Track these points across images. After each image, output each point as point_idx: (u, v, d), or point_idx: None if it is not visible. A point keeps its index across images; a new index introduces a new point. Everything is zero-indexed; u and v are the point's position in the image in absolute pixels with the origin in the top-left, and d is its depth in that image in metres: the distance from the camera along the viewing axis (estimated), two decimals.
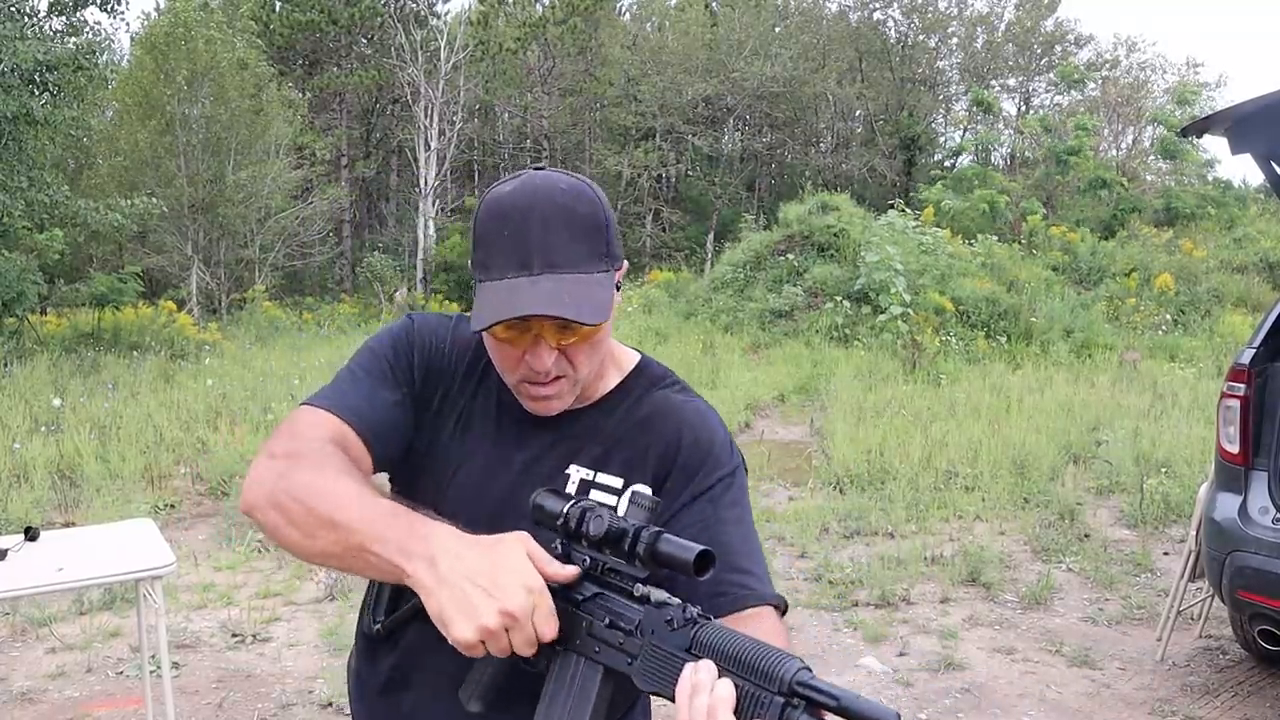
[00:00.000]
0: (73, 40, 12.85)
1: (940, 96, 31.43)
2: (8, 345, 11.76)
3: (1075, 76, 24.14)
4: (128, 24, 52.95)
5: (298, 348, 13.92)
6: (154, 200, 14.14)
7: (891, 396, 9.64)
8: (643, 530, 0.94)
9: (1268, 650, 3.88)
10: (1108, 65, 28.75)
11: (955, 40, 31.04)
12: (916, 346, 11.99)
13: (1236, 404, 3.75)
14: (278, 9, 25.12)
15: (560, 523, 1.00)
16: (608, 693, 0.97)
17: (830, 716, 0.81)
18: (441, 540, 0.95)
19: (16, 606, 4.35)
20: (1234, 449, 3.75)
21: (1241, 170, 48.13)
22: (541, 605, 0.93)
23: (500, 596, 0.91)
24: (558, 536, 1.01)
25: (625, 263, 1.16)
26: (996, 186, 19.93)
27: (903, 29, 30.76)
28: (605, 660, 0.96)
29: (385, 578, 1.01)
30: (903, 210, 16.75)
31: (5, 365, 10.70)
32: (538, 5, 26.20)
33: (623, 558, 0.96)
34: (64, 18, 13.22)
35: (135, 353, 12.11)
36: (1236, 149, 3.87)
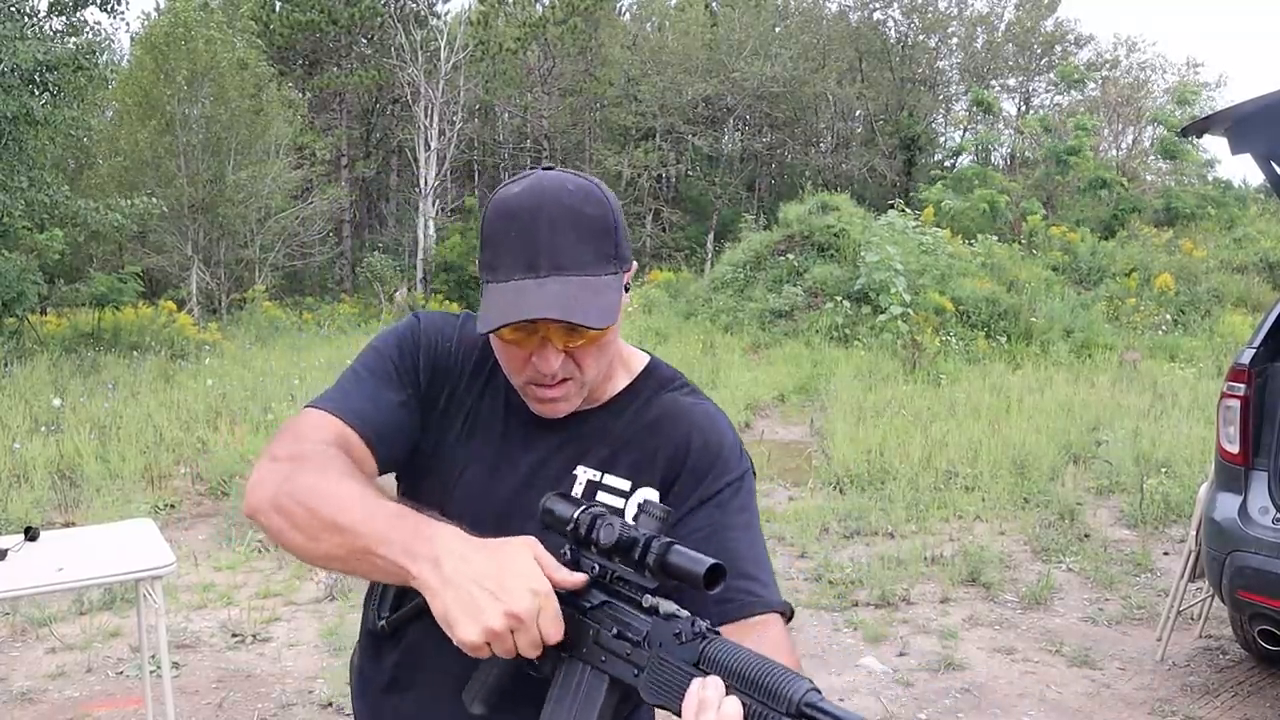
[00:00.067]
0: (73, 40, 12.85)
1: (940, 96, 31.44)
2: (8, 345, 11.75)
3: (1075, 76, 24.14)
4: (128, 24, 53.07)
5: (298, 348, 13.92)
6: (154, 200, 14.13)
7: (891, 396, 9.64)
8: (653, 540, 0.93)
9: (1268, 650, 3.88)
10: (1108, 65, 28.77)
11: (955, 40, 31.05)
12: (916, 346, 11.99)
13: (1236, 404, 3.75)
14: (278, 9, 25.12)
15: (570, 528, 0.99)
16: (613, 702, 0.96)
17: None
18: (446, 542, 0.94)
19: (16, 606, 4.35)
20: (1234, 449, 3.75)
21: (1241, 170, 48.20)
22: (547, 608, 0.92)
23: (505, 598, 0.90)
24: (567, 542, 1.00)
25: (634, 264, 1.15)
26: (996, 186, 19.92)
27: (903, 29, 30.79)
28: (611, 670, 0.95)
29: (390, 580, 1.00)
30: (903, 210, 16.75)
31: (5, 365, 10.69)
32: (538, 5, 26.21)
33: (632, 567, 0.95)
34: (64, 18, 13.22)
35: (135, 353, 12.11)
36: (1236, 149, 3.87)
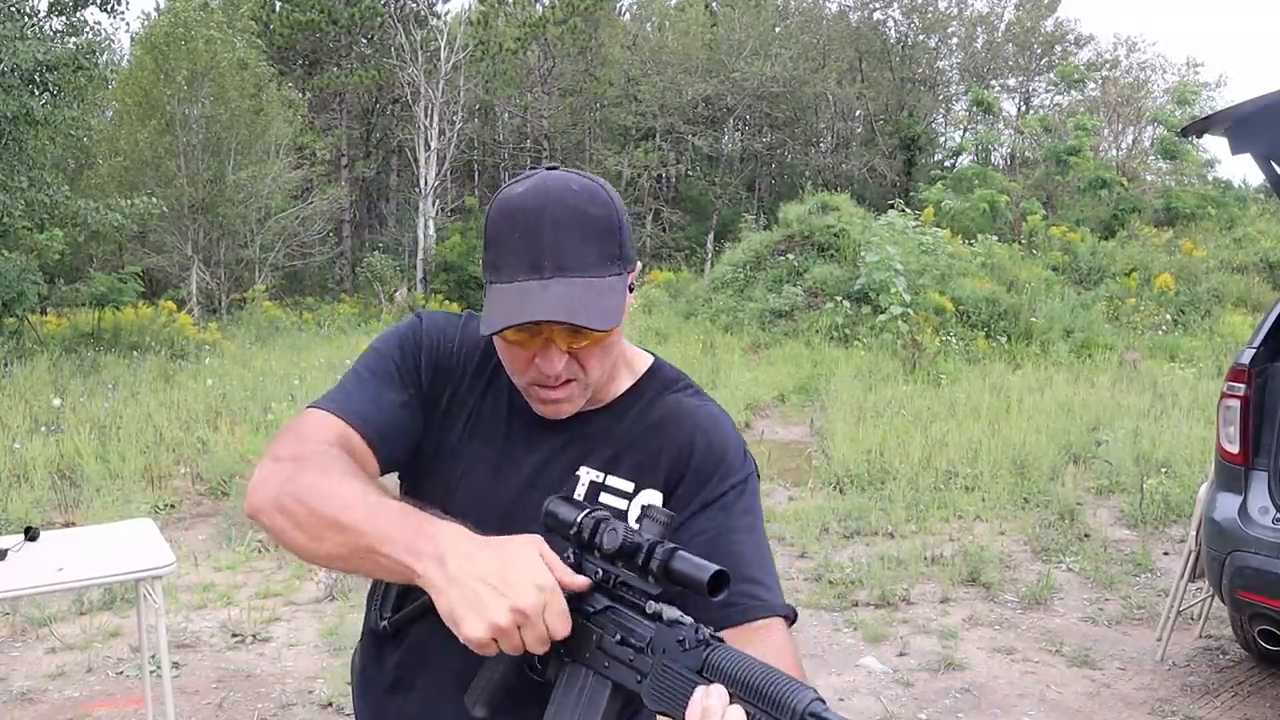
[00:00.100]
0: (73, 40, 12.85)
1: (940, 96, 31.45)
2: (8, 345, 11.75)
3: (1075, 76, 24.14)
4: (128, 24, 52.97)
5: (298, 348, 13.91)
6: (154, 200, 14.13)
7: (891, 396, 9.63)
8: (658, 546, 0.92)
9: (1268, 650, 3.88)
10: (1108, 65, 28.76)
11: (955, 40, 31.05)
12: (916, 346, 11.99)
13: (1236, 404, 3.75)
14: (278, 9, 25.14)
15: (573, 532, 0.98)
16: (616, 708, 0.95)
17: None
18: (451, 539, 0.94)
19: (16, 606, 4.35)
20: (1234, 449, 3.75)
21: (1241, 170, 48.18)
22: (554, 603, 0.91)
23: (511, 594, 0.89)
24: (570, 545, 0.99)
25: (639, 264, 1.15)
26: (996, 186, 19.92)
27: (903, 29, 30.79)
28: (614, 676, 0.94)
29: (395, 579, 1.00)
30: (903, 210, 16.75)
31: (5, 365, 10.69)
32: (538, 5, 26.21)
33: (636, 572, 0.94)
34: (64, 18, 13.22)
35: (135, 353, 12.11)
36: (1236, 149, 3.87)
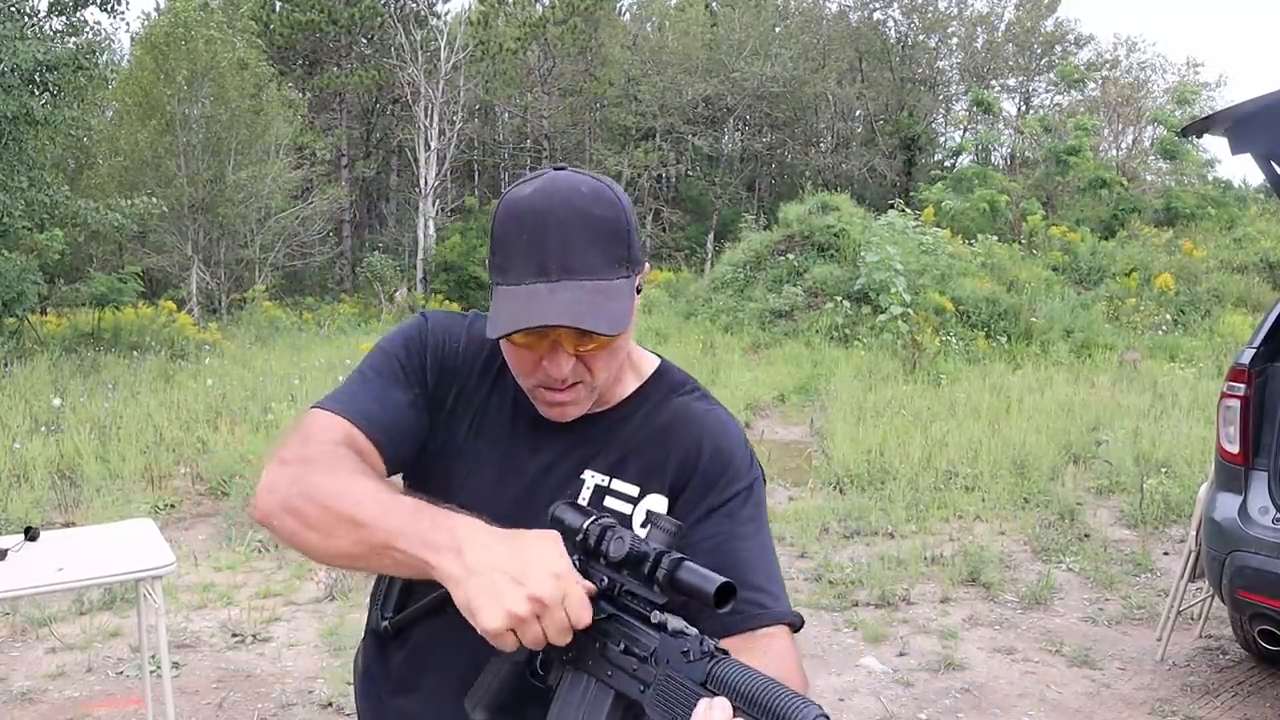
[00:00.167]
0: (73, 40, 12.85)
1: (940, 96, 31.45)
2: (8, 345, 11.76)
3: (1075, 76, 24.13)
4: (128, 24, 53.04)
5: (298, 348, 13.92)
6: (154, 200, 14.14)
7: (891, 396, 9.63)
8: (664, 556, 0.92)
9: (1268, 650, 3.88)
10: (1108, 65, 28.76)
11: (955, 40, 31.06)
12: (916, 346, 11.99)
13: (1236, 404, 3.75)
14: (278, 9, 25.14)
15: (579, 539, 0.97)
16: (617, 716, 0.95)
17: None
18: (468, 531, 0.93)
19: (16, 606, 4.35)
20: (1234, 449, 3.75)
21: (1241, 170, 48.18)
22: (573, 592, 0.90)
23: (528, 583, 0.88)
24: (575, 552, 0.98)
25: (647, 265, 1.14)
26: (996, 186, 19.92)
27: (903, 29, 30.80)
28: (617, 685, 0.93)
29: (410, 574, 0.98)
30: (903, 210, 16.76)
31: (5, 365, 10.69)
32: (538, 5, 26.21)
33: (641, 581, 0.93)
34: (64, 18, 13.21)
35: (135, 353, 12.11)
36: (1236, 149, 3.87)
